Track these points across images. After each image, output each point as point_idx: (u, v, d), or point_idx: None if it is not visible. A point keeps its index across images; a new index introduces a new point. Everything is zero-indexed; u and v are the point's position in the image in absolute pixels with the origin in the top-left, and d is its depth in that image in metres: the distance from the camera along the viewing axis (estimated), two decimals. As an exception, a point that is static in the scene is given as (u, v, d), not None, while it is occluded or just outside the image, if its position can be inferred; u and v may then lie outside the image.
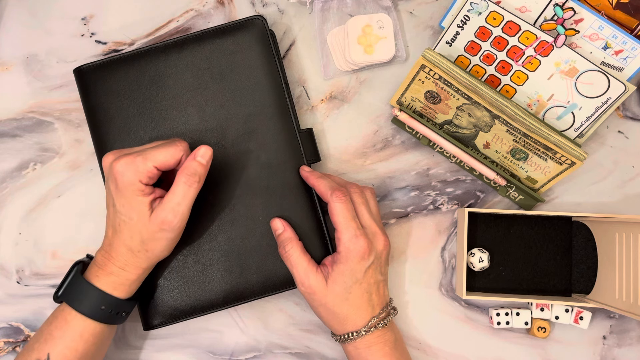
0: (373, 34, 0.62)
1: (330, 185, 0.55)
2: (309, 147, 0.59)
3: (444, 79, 0.57)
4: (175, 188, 0.51)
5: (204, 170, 0.51)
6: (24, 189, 0.63)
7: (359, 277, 0.53)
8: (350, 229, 0.53)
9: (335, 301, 0.53)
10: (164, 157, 0.50)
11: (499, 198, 0.63)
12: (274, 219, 0.57)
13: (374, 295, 0.54)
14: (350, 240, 0.53)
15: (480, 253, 0.60)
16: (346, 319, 0.54)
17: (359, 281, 0.53)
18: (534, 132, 0.57)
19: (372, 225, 0.54)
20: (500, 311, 0.61)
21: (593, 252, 0.61)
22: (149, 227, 0.51)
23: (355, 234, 0.53)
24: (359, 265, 0.53)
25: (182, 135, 0.57)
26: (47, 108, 0.64)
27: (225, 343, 0.62)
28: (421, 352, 0.62)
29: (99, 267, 0.53)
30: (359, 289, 0.53)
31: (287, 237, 0.56)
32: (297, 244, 0.55)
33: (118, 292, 0.53)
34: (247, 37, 0.58)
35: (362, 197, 0.56)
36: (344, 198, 0.54)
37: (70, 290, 0.54)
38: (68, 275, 0.54)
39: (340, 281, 0.53)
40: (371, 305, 0.54)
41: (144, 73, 0.58)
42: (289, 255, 0.55)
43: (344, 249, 0.53)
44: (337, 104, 0.64)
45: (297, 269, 0.54)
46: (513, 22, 0.58)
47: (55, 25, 0.64)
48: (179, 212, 0.51)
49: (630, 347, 0.62)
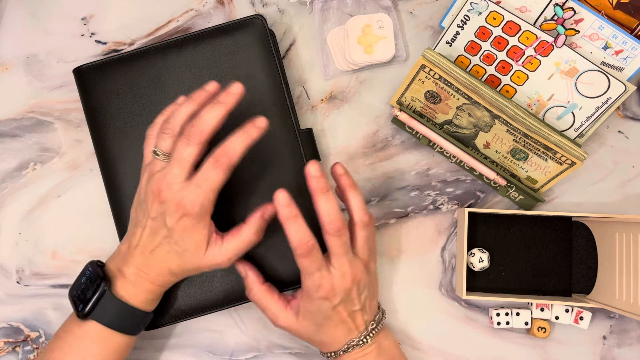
0: (373, 34, 0.62)
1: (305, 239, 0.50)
2: (309, 147, 0.59)
3: (444, 78, 0.57)
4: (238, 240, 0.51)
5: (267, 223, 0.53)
6: (24, 189, 0.63)
7: (329, 313, 0.52)
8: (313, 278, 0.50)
9: (308, 333, 0.53)
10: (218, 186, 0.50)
11: (499, 198, 0.63)
12: (238, 263, 0.55)
13: (350, 323, 0.53)
14: (313, 286, 0.51)
15: (480, 253, 0.60)
16: (323, 344, 0.54)
17: (329, 317, 0.52)
18: (534, 132, 0.57)
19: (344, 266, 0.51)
20: (500, 311, 0.61)
21: (593, 252, 0.61)
22: (201, 262, 0.51)
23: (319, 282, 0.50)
24: (325, 304, 0.51)
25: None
26: (47, 108, 0.64)
27: (225, 343, 0.62)
28: (421, 352, 0.62)
29: (136, 286, 0.52)
30: (330, 322, 0.52)
31: (248, 282, 0.55)
32: (260, 286, 0.54)
33: (150, 307, 0.54)
34: (247, 37, 0.58)
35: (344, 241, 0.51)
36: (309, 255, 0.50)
37: (105, 311, 0.51)
38: (94, 293, 0.51)
39: (309, 317, 0.53)
40: (348, 330, 0.53)
41: (143, 73, 0.58)
42: (255, 299, 0.54)
43: (306, 291, 0.51)
44: (337, 104, 0.64)
45: (267, 309, 0.54)
46: (513, 22, 0.58)
47: (55, 25, 0.64)
48: (232, 259, 0.52)
49: (630, 347, 0.62)
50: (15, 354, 0.62)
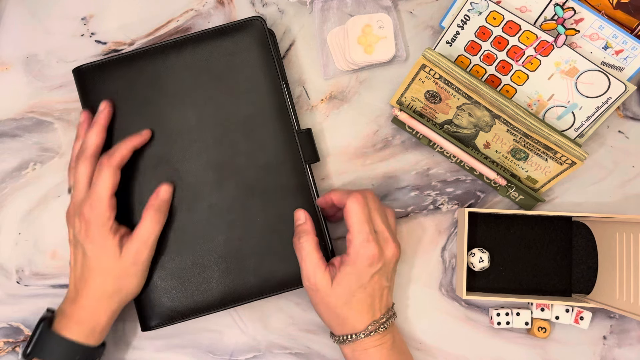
0: (373, 33, 0.62)
1: (347, 190, 0.55)
2: (308, 147, 0.59)
3: (444, 78, 0.57)
4: (143, 224, 0.54)
5: (167, 206, 0.56)
6: (24, 189, 0.63)
7: (365, 282, 0.53)
8: (362, 232, 0.52)
9: (338, 303, 0.53)
10: (108, 186, 0.53)
11: (499, 198, 0.63)
12: (298, 210, 0.56)
13: (377, 300, 0.54)
14: (361, 244, 0.52)
15: (480, 253, 0.60)
16: (346, 321, 0.54)
17: (363, 286, 0.53)
18: (534, 132, 0.56)
19: (385, 231, 0.54)
20: (501, 311, 0.61)
21: (593, 252, 0.61)
22: (122, 264, 0.53)
23: (367, 239, 0.52)
24: (366, 270, 0.52)
25: (181, 135, 0.57)
26: (46, 108, 0.64)
27: (225, 343, 0.62)
28: (421, 352, 0.62)
29: (68, 318, 0.54)
30: (362, 293, 0.53)
31: (305, 230, 0.55)
32: (313, 239, 0.54)
33: (90, 340, 0.54)
34: (247, 38, 0.58)
35: (378, 203, 0.55)
36: (362, 200, 0.53)
37: (42, 347, 0.53)
38: (35, 332, 0.54)
39: (345, 284, 0.53)
40: (372, 310, 0.54)
41: (143, 73, 0.58)
42: (302, 247, 0.54)
43: (353, 252, 0.52)
44: (337, 104, 0.64)
45: (306, 262, 0.54)
46: (513, 22, 0.58)
47: (55, 25, 0.64)
48: (149, 245, 0.54)
49: (630, 347, 0.62)
50: (15, 354, 0.62)
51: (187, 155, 0.57)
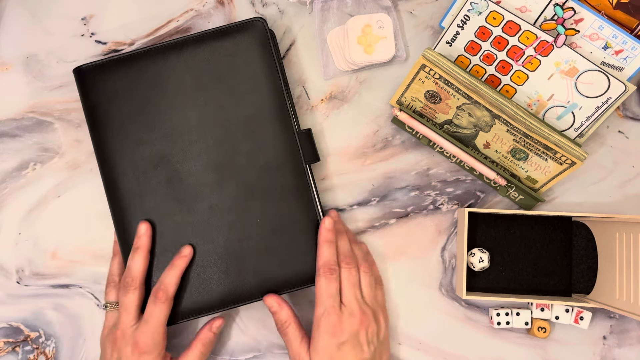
0: (373, 34, 0.62)
1: (326, 259, 0.56)
2: (308, 148, 0.59)
3: (444, 78, 0.57)
4: (191, 354, 0.57)
5: (216, 338, 0.59)
6: (24, 189, 0.63)
7: (332, 353, 0.53)
8: (324, 304, 0.54)
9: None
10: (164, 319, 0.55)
11: (499, 198, 0.63)
12: (268, 297, 0.57)
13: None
14: (322, 315, 0.54)
15: (480, 253, 0.60)
16: None
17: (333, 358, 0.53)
18: (534, 132, 0.57)
19: (353, 304, 0.55)
20: (501, 311, 0.61)
21: (593, 252, 0.61)
22: None
23: (327, 311, 0.54)
24: (330, 341, 0.53)
25: (181, 135, 0.57)
26: (47, 108, 0.64)
27: (225, 343, 0.62)
28: (421, 352, 0.62)
29: None
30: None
31: (283, 318, 0.56)
32: (293, 323, 0.56)
33: None
34: (247, 39, 0.58)
35: (354, 277, 0.56)
36: (330, 276, 0.54)
37: None
38: None
39: (316, 357, 0.54)
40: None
41: (143, 73, 0.58)
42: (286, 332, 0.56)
43: (315, 323, 0.54)
44: (337, 104, 0.64)
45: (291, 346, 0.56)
46: (513, 22, 0.58)
47: (55, 25, 0.64)
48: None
49: (630, 347, 0.62)
50: (15, 354, 0.62)
51: (188, 156, 0.57)
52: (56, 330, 0.63)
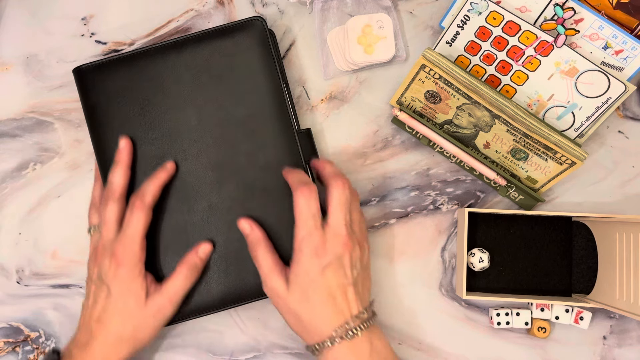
0: (373, 34, 0.62)
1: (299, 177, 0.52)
2: (307, 147, 0.59)
3: (444, 78, 0.57)
4: (175, 278, 0.54)
5: (202, 264, 0.56)
6: (24, 189, 0.63)
7: (314, 277, 0.50)
8: (306, 226, 0.50)
9: (297, 306, 0.50)
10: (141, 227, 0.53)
11: (499, 198, 0.63)
12: (241, 220, 0.55)
13: (340, 301, 0.50)
14: (304, 237, 0.50)
15: (480, 253, 0.60)
16: (311, 327, 0.50)
17: (315, 282, 0.50)
18: (534, 132, 0.57)
19: (340, 226, 0.51)
20: (501, 311, 0.61)
21: (593, 252, 0.61)
22: (144, 312, 0.52)
23: (310, 232, 0.50)
24: (312, 263, 0.50)
25: (181, 135, 0.57)
26: (47, 108, 0.64)
27: (225, 343, 0.62)
28: (421, 352, 0.62)
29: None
30: (317, 292, 0.50)
31: (255, 239, 0.54)
32: (265, 245, 0.53)
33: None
34: (247, 39, 0.58)
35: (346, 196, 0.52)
36: (309, 194, 0.51)
37: None
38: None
39: (296, 282, 0.50)
40: (337, 312, 0.50)
41: (143, 73, 0.58)
42: (256, 255, 0.53)
43: (297, 246, 0.51)
44: (337, 104, 0.64)
45: (261, 269, 0.53)
46: (513, 22, 0.58)
47: (55, 25, 0.64)
48: (175, 301, 0.54)
49: (630, 347, 0.62)
50: (15, 354, 0.62)
51: (187, 156, 0.57)
52: (56, 330, 0.63)
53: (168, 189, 0.57)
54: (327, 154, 0.63)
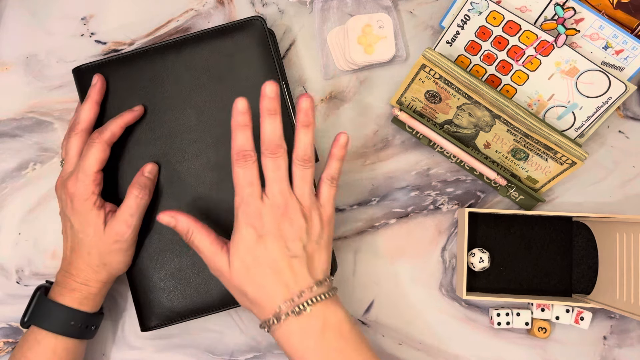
0: (373, 33, 0.62)
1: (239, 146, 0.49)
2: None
3: (445, 78, 0.57)
4: (126, 201, 0.54)
5: (152, 184, 0.56)
6: (23, 189, 0.63)
7: (251, 245, 0.47)
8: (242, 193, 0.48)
9: (242, 281, 0.48)
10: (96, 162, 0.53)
11: (500, 198, 0.63)
12: (160, 215, 0.51)
13: (286, 273, 0.47)
14: (240, 205, 0.48)
15: (480, 253, 0.60)
16: (258, 302, 0.48)
17: (253, 251, 0.47)
18: (535, 132, 0.56)
19: (277, 196, 0.48)
20: (501, 311, 0.61)
21: (594, 252, 0.61)
22: (105, 240, 0.53)
23: (245, 200, 0.48)
24: (248, 231, 0.47)
25: (180, 135, 0.57)
26: (46, 108, 0.64)
27: (225, 343, 0.62)
28: (421, 352, 0.62)
29: (62, 286, 0.55)
30: (257, 263, 0.47)
31: (185, 225, 0.50)
32: (198, 227, 0.50)
33: (84, 307, 0.55)
34: (246, 38, 0.58)
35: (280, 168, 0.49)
36: (244, 164, 0.48)
37: (37, 313, 0.55)
38: (32, 300, 0.55)
39: (235, 254, 0.48)
40: (282, 286, 0.47)
41: (143, 73, 0.58)
42: (192, 241, 0.50)
43: (235, 216, 0.48)
44: (337, 104, 0.64)
45: (202, 253, 0.50)
46: (513, 22, 0.58)
47: (55, 25, 0.64)
48: (131, 223, 0.53)
49: (630, 348, 0.62)
50: (15, 354, 0.62)
51: (187, 156, 0.57)
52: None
53: (168, 189, 0.57)
54: (327, 154, 0.63)
